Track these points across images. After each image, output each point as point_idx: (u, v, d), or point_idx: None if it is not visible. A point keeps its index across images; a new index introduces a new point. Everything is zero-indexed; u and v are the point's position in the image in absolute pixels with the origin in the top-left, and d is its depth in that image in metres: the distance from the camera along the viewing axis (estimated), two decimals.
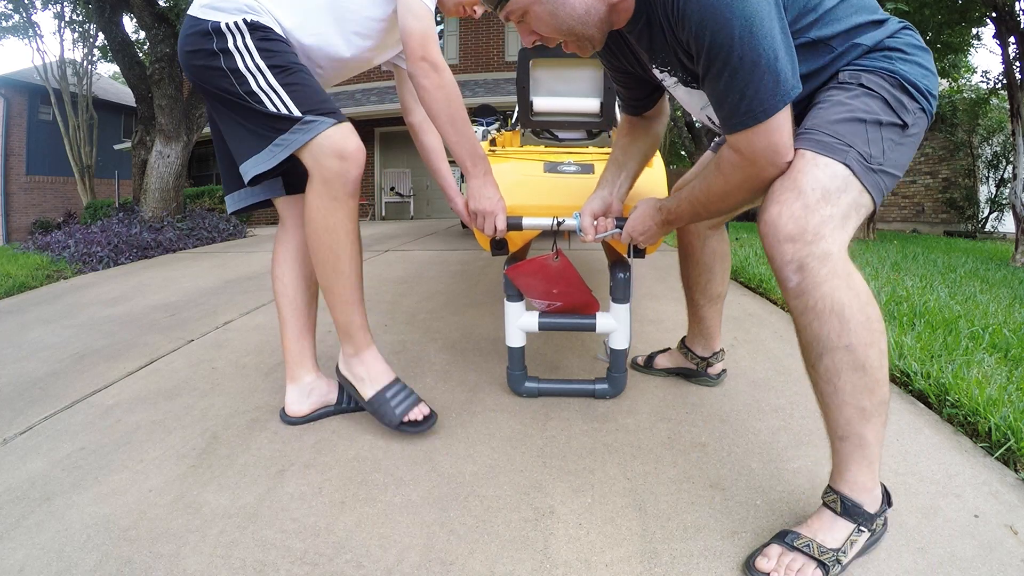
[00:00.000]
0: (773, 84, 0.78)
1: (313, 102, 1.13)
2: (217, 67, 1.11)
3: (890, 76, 0.87)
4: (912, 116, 0.87)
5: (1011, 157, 7.65)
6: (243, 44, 1.11)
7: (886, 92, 0.86)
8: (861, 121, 0.84)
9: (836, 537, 0.81)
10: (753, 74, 0.77)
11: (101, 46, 10.52)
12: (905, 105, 0.86)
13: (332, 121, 1.12)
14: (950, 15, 6.45)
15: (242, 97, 1.12)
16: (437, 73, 1.12)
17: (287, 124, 1.12)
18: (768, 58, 0.77)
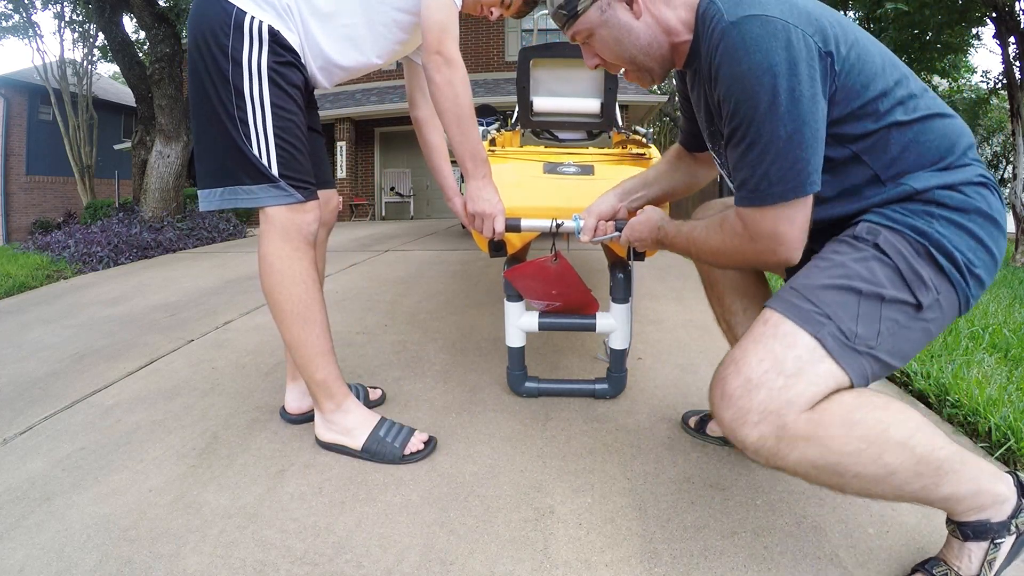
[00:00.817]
0: (791, 170, 0.71)
1: (293, 168, 1.10)
2: (223, 74, 1.05)
3: (917, 241, 0.73)
4: (931, 295, 0.72)
5: (1011, 157, 7.65)
6: (257, 63, 1.05)
7: (903, 261, 0.73)
8: (855, 292, 0.72)
9: (971, 563, 0.74)
10: (769, 152, 0.72)
11: (101, 46, 10.51)
12: (925, 280, 0.72)
13: (300, 198, 1.11)
14: (950, 15, 6.45)
15: (233, 120, 1.06)
16: (450, 68, 1.09)
17: (259, 177, 1.08)
18: (792, 142, 0.70)
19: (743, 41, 0.71)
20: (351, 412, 1.20)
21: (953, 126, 0.78)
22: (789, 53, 0.70)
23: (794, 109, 0.70)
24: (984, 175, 0.78)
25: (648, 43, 0.87)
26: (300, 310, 1.14)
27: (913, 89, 0.78)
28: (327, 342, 1.18)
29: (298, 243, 1.12)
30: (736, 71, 0.72)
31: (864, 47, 0.76)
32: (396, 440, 1.17)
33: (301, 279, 1.13)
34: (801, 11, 0.73)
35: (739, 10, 0.73)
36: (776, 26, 0.70)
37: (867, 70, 0.75)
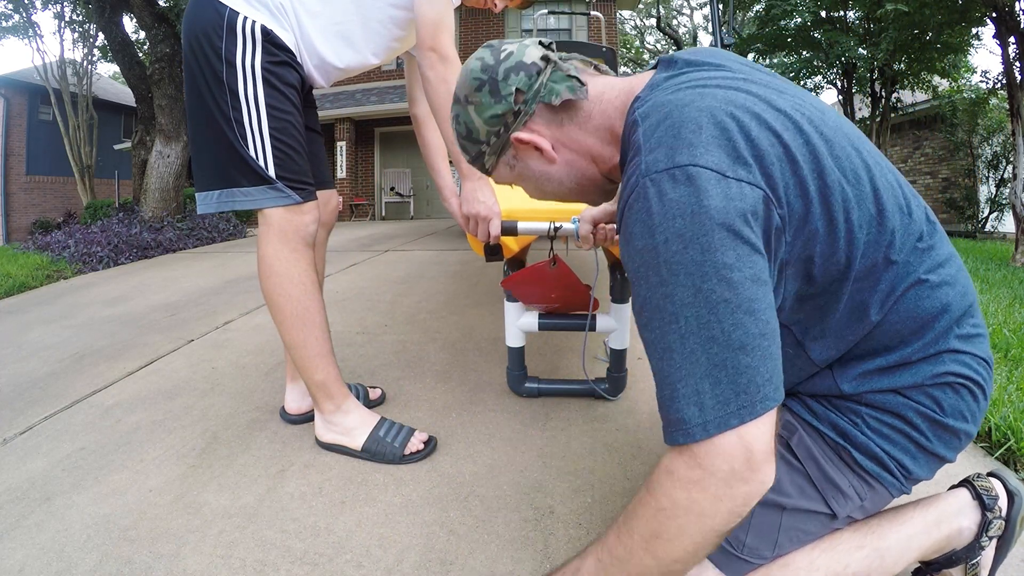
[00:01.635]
0: (721, 387, 0.50)
1: (290, 169, 1.09)
2: (217, 75, 1.04)
3: (837, 443, 0.63)
4: (851, 504, 0.63)
5: (1011, 157, 7.66)
6: (251, 64, 1.04)
7: (815, 467, 0.63)
8: None
9: None
10: (676, 361, 0.53)
11: (101, 46, 10.51)
12: (842, 490, 0.63)
13: (298, 199, 1.10)
14: (950, 15, 6.46)
15: (229, 122, 1.05)
16: (444, 65, 1.07)
17: (256, 179, 1.07)
18: (717, 344, 0.50)
19: (663, 206, 0.53)
20: (351, 412, 1.20)
21: (934, 300, 0.60)
22: (725, 216, 0.51)
23: (723, 290, 0.51)
24: (956, 373, 0.60)
25: (575, 182, 0.75)
26: (299, 312, 1.13)
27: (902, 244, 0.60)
28: (326, 343, 1.18)
29: (296, 244, 1.11)
30: (658, 242, 0.53)
31: (839, 192, 0.57)
32: (396, 440, 1.17)
33: (300, 281, 1.12)
34: (746, 146, 0.55)
35: (660, 160, 0.55)
36: (708, 180, 0.52)
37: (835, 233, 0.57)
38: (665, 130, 0.57)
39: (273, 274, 1.12)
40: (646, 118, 0.61)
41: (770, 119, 0.58)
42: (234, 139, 1.05)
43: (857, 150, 0.61)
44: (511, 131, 0.71)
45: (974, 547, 0.70)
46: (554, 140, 0.72)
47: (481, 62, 0.71)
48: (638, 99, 0.66)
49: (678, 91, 0.61)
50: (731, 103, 0.58)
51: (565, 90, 0.69)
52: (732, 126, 0.56)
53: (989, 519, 0.69)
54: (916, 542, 0.68)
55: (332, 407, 1.19)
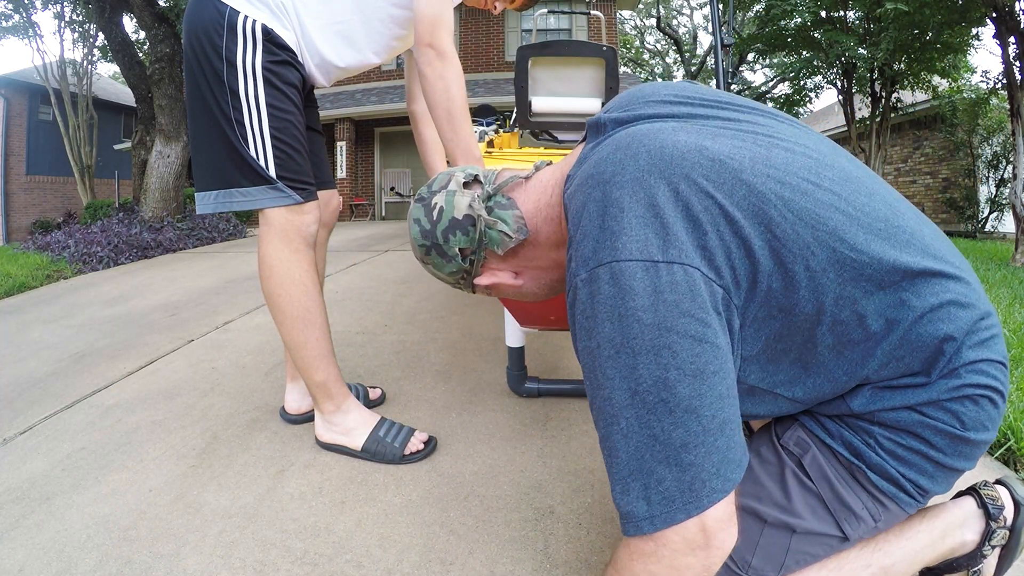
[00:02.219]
0: (665, 484, 0.50)
1: (291, 169, 1.08)
2: (218, 74, 1.03)
3: (852, 463, 0.60)
4: (864, 526, 0.61)
5: (1011, 157, 7.66)
6: (251, 64, 1.03)
7: (828, 489, 0.61)
8: (758, 518, 0.61)
9: None
10: (621, 459, 0.52)
11: (101, 46, 10.51)
12: (855, 512, 0.60)
13: (299, 199, 1.09)
14: (950, 15, 6.46)
15: (230, 122, 1.04)
16: (441, 62, 1.06)
17: (256, 179, 1.06)
18: (658, 443, 0.50)
19: (594, 309, 0.53)
20: (351, 412, 1.20)
21: (936, 321, 0.55)
22: (659, 313, 0.50)
23: (671, 395, 0.50)
24: (975, 384, 0.56)
25: (548, 289, 0.77)
26: (299, 312, 1.13)
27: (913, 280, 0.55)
28: (327, 344, 1.18)
29: (297, 245, 1.11)
30: (593, 345, 0.53)
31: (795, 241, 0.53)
32: (396, 440, 1.17)
33: (300, 281, 1.12)
34: (675, 217, 0.52)
35: (588, 256, 0.54)
36: (635, 275, 0.50)
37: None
38: (589, 218, 0.55)
39: (274, 274, 1.12)
40: (571, 200, 0.60)
41: (701, 175, 0.54)
42: (234, 139, 1.05)
43: (816, 184, 0.55)
44: (472, 278, 0.75)
45: (976, 555, 0.69)
46: (515, 269, 0.74)
47: (419, 227, 0.73)
48: (568, 178, 0.65)
49: (600, 163, 0.58)
50: (656, 166, 0.54)
51: (504, 239, 0.70)
52: (659, 196, 0.53)
53: (993, 528, 0.68)
54: (921, 556, 0.67)
55: (332, 407, 1.18)
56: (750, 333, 0.56)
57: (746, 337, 0.56)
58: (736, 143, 0.57)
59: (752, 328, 0.55)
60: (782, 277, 0.53)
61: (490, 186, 0.73)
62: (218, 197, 1.09)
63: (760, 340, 0.56)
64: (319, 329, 1.16)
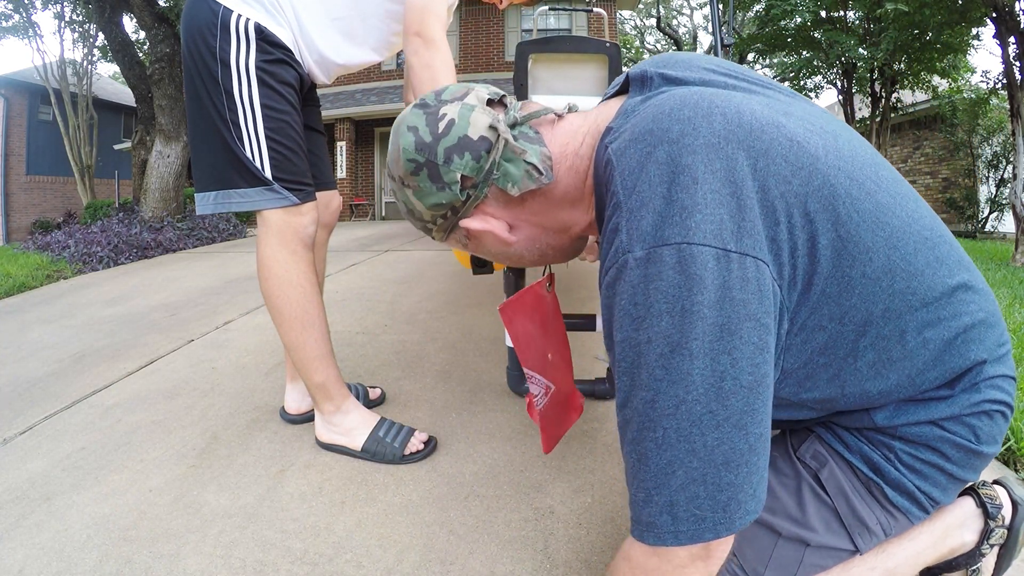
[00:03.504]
0: (698, 502, 0.46)
1: (287, 170, 1.07)
2: (212, 75, 1.02)
3: (870, 479, 0.58)
4: (876, 539, 0.60)
5: (1011, 157, 7.66)
6: (245, 64, 1.02)
7: (844, 503, 0.59)
8: (773, 531, 0.59)
9: None
10: (650, 469, 0.47)
11: (101, 46, 10.52)
12: (869, 527, 0.59)
13: (295, 200, 1.08)
14: (950, 15, 6.46)
15: (225, 123, 1.03)
16: (428, 50, 1.03)
17: (253, 180, 1.06)
18: (697, 458, 0.45)
19: (647, 296, 0.45)
20: (350, 413, 1.19)
21: (968, 343, 0.54)
22: (724, 311, 0.44)
23: (721, 407, 0.45)
24: (993, 399, 0.56)
25: (537, 255, 0.68)
26: (298, 314, 1.12)
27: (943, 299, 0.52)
28: (326, 344, 1.17)
29: (295, 246, 1.10)
30: (629, 338, 0.47)
31: (856, 243, 0.49)
32: (396, 440, 1.17)
33: (299, 283, 1.11)
34: (754, 195, 0.46)
35: (647, 231, 0.46)
36: (706, 265, 0.44)
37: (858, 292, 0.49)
38: (650, 182, 0.47)
39: (272, 276, 1.11)
40: (621, 156, 0.50)
41: (781, 155, 0.48)
42: (231, 140, 1.04)
43: (877, 184, 0.51)
44: (459, 217, 0.61)
45: (975, 554, 0.69)
46: (512, 220, 0.62)
47: (415, 137, 0.58)
48: (609, 131, 0.54)
49: (662, 119, 0.50)
50: (734, 134, 0.47)
51: (524, 178, 0.58)
52: (738, 170, 0.46)
53: (991, 527, 0.68)
54: (923, 557, 0.67)
55: (332, 408, 1.18)
56: (796, 343, 0.51)
57: (791, 346, 0.51)
58: (804, 127, 0.51)
59: (799, 337, 0.51)
60: (838, 282, 0.49)
61: (517, 112, 0.61)
62: (217, 198, 1.08)
63: (805, 353, 0.52)
64: (318, 330, 1.15)
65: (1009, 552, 0.69)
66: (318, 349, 1.15)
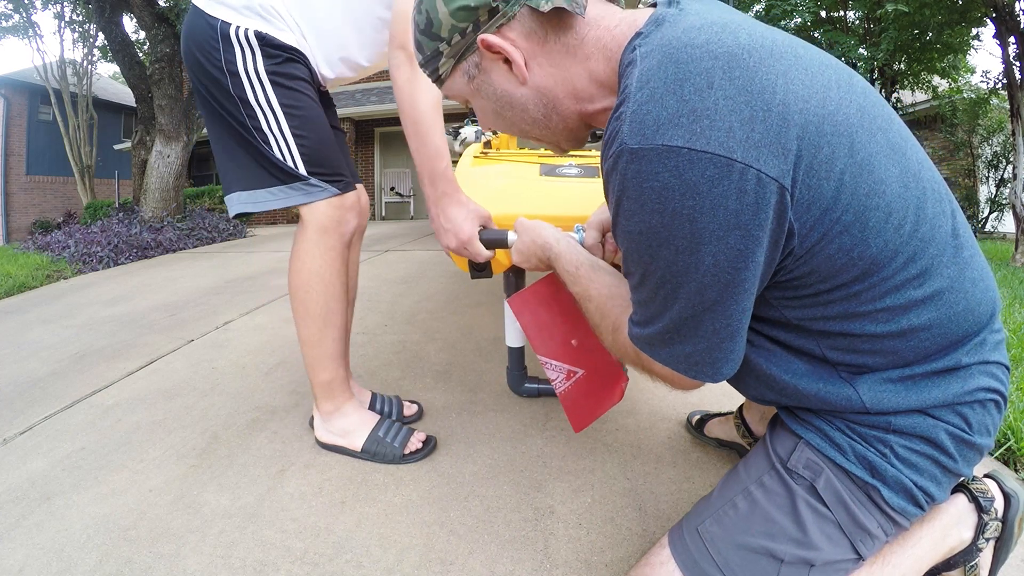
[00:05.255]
0: (696, 356, 0.55)
1: (321, 163, 1.07)
2: (223, 87, 1.02)
3: (868, 484, 0.57)
4: (877, 543, 0.60)
5: (1011, 157, 7.66)
6: (254, 70, 1.01)
7: (844, 513, 0.58)
8: (775, 559, 0.58)
9: None
10: (671, 329, 0.54)
11: (101, 46, 10.52)
12: (871, 532, 0.59)
13: (335, 191, 1.09)
14: (950, 15, 6.46)
15: (248, 130, 1.04)
16: (412, 67, 0.98)
17: (288, 178, 1.06)
18: (700, 327, 0.52)
19: (641, 192, 0.47)
20: (349, 415, 1.19)
21: (968, 307, 0.55)
22: (716, 219, 0.46)
23: (714, 294, 0.50)
24: (987, 387, 0.57)
25: (543, 114, 0.63)
26: (322, 311, 1.12)
27: (931, 253, 0.53)
28: (342, 346, 1.18)
29: (333, 242, 1.10)
30: (633, 229, 0.51)
31: (871, 172, 0.49)
32: (395, 440, 1.17)
33: (329, 280, 1.11)
34: (770, 107, 0.45)
35: (649, 126, 0.46)
36: (704, 173, 0.45)
37: (863, 229, 0.50)
38: (664, 79, 0.47)
39: (303, 269, 1.11)
40: (646, 57, 0.50)
41: (797, 77, 0.47)
42: (257, 144, 1.04)
43: (888, 120, 0.53)
44: (480, 31, 0.58)
45: (971, 550, 0.69)
46: (530, 56, 0.59)
47: None
48: (639, 35, 0.54)
49: (690, 30, 0.50)
50: (756, 50, 0.47)
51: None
52: (757, 82, 0.45)
53: (985, 521, 0.68)
54: (926, 560, 0.67)
55: (331, 408, 1.18)
56: (795, 275, 0.53)
57: (790, 273, 0.53)
58: (820, 62, 0.52)
59: (804, 266, 0.52)
60: (854, 211, 0.49)
61: None
62: (252, 196, 1.08)
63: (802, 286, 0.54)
64: (338, 330, 1.16)
65: (1005, 545, 0.69)
66: (333, 348, 1.16)
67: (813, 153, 0.47)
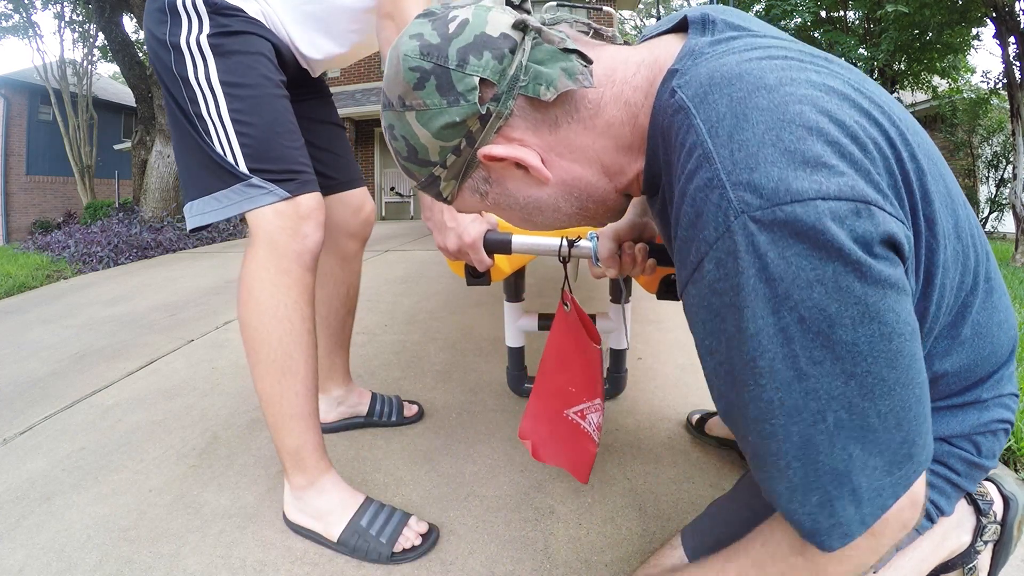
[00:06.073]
0: (877, 474, 0.41)
1: (265, 157, 0.84)
2: (167, 66, 0.84)
3: None
4: (890, 558, 0.61)
5: (1011, 157, 7.66)
6: (195, 40, 0.82)
7: None
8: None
9: None
10: (821, 464, 0.41)
11: (101, 46, 10.53)
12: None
13: (283, 194, 0.84)
14: (950, 15, 6.47)
15: (189, 117, 0.84)
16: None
17: (228, 179, 0.84)
18: (873, 432, 0.40)
19: (767, 276, 0.38)
20: (327, 492, 0.92)
21: (993, 350, 0.53)
22: (864, 291, 0.37)
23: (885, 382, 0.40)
24: (1002, 419, 0.57)
25: (577, 207, 0.54)
26: (278, 357, 0.86)
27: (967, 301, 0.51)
28: (309, 402, 0.90)
29: (287, 264, 0.85)
30: (738, 331, 0.40)
31: (934, 225, 0.45)
32: (383, 532, 0.88)
33: (285, 316, 0.86)
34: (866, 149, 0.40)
35: (756, 172, 0.38)
36: (833, 236, 0.36)
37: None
38: (754, 129, 0.39)
39: (251, 300, 0.86)
40: (702, 102, 0.42)
41: (875, 116, 0.42)
42: (198, 136, 0.85)
43: (941, 166, 0.49)
44: (478, 145, 0.49)
45: (970, 552, 0.69)
46: (545, 150, 0.50)
47: (419, 41, 0.47)
48: (674, 72, 0.46)
49: (749, 64, 0.42)
50: (830, 89, 0.41)
51: (561, 75, 0.46)
52: (850, 125, 0.39)
53: (984, 524, 0.68)
54: (926, 564, 0.67)
55: (303, 482, 0.91)
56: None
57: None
58: (874, 91, 0.47)
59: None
60: (926, 265, 0.45)
61: (544, 15, 0.50)
62: (197, 208, 0.89)
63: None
64: (301, 382, 0.88)
65: (1004, 548, 0.69)
66: (297, 406, 0.88)
67: (908, 198, 0.42)
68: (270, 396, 0.88)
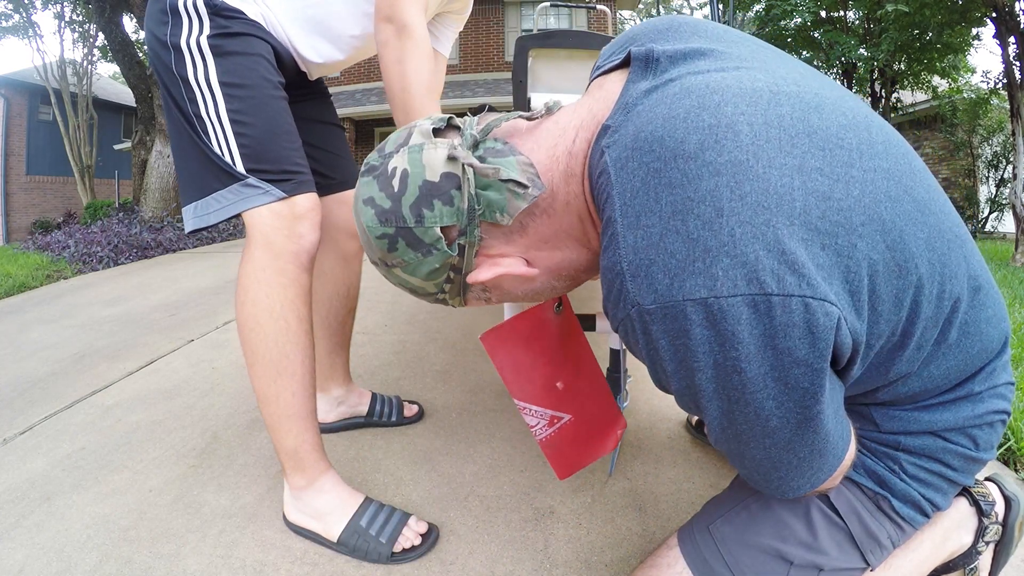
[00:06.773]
0: (809, 474, 0.50)
1: (263, 157, 0.86)
2: (167, 66, 0.86)
3: (878, 494, 0.58)
4: (885, 553, 0.61)
5: (1011, 157, 7.66)
6: (195, 41, 0.84)
7: (857, 523, 0.58)
8: (785, 561, 0.58)
9: None
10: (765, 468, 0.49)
11: (101, 46, 10.53)
12: (880, 542, 0.59)
13: (280, 194, 0.86)
14: (950, 15, 6.47)
15: (188, 117, 0.86)
16: (400, 40, 0.84)
17: (226, 179, 0.86)
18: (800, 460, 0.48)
19: (665, 349, 0.42)
20: (326, 492, 0.93)
21: (983, 347, 0.54)
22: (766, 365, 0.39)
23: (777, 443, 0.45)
24: (996, 410, 0.57)
25: (568, 281, 0.58)
26: (274, 356, 0.87)
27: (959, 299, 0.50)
28: (307, 402, 0.91)
29: (283, 264, 0.86)
30: (679, 384, 0.44)
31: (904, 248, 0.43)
32: (383, 532, 0.89)
33: (281, 315, 0.87)
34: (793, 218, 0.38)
35: (660, 281, 0.39)
36: (733, 324, 0.38)
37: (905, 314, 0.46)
38: (660, 212, 0.39)
39: (248, 301, 0.87)
40: (622, 169, 0.43)
41: (814, 166, 0.39)
42: (196, 136, 0.86)
43: (912, 175, 0.45)
44: (464, 272, 0.54)
45: (971, 553, 0.69)
46: (524, 251, 0.53)
47: (374, 208, 0.51)
48: (607, 130, 0.47)
49: (673, 123, 0.42)
50: (762, 150, 0.39)
51: (510, 199, 0.49)
52: (772, 194, 0.38)
53: (985, 524, 0.68)
54: (927, 564, 0.67)
55: (302, 482, 0.93)
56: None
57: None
58: (837, 120, 0.43)
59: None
60: (892, 300, 0.45)
61: (473, 130, 0.52)
62: (197, 210, 0.89)
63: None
64: (298, 382, 0.89)
65: (1005, 548, 0.69)
66: (294, 407, 0.89)
67: (849, 252, 0.40)
68: (267, 396, 0.89)
